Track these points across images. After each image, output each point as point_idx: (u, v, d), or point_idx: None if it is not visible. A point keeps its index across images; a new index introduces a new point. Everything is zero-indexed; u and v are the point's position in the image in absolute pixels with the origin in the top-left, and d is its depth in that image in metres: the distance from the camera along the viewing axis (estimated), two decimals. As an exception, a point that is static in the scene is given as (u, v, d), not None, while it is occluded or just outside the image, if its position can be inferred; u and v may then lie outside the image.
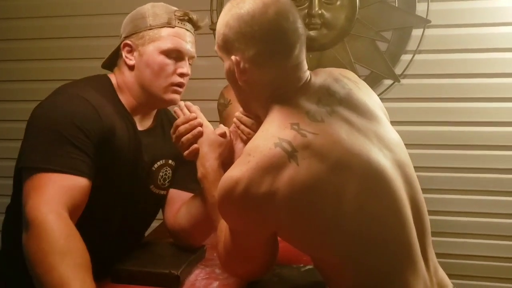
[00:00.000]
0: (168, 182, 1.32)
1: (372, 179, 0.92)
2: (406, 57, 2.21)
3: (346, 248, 0.92)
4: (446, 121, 2.23)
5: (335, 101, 0.98)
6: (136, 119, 1.25)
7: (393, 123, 1.11)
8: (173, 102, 1.25)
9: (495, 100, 2.19)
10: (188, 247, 1.29)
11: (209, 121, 1.72)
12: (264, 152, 0.88)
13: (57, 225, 0.96)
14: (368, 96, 1.06)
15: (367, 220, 0.91)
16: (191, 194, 1.32)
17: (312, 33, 2.20)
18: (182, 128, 1.15)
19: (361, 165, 0.91)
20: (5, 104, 2.61)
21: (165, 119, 1.37)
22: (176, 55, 1.21)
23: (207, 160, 1.13)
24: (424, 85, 2.23)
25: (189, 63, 1.25)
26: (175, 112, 1.23)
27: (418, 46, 2.19)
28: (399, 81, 2.22)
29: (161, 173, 1.29)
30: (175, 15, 1.21)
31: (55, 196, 1.00)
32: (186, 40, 1.23)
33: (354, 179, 0.90)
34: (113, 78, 1.26)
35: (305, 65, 1.01)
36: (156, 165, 1.29)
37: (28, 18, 2.53)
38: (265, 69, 0.97)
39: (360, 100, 1.02)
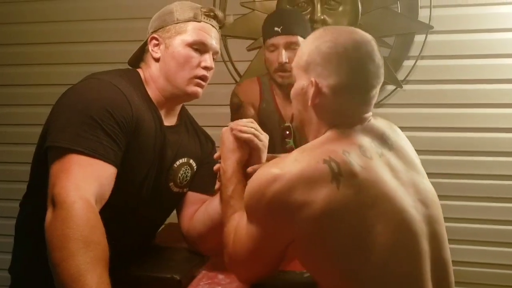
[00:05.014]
0: (186, 181, 1.32)
1: (399, 228, 0.93)
2: (408, 63, 2.22)
3: (355, 283, 0.92)
4: (448, 127, 2.23)
5: (386, 146, 1.02)
6: (162, 113, 1.26)
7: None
8: (195, 95, 1.27)
9: (499, 106, 2.19)
10: (192, 252, 1.28)
11: (212, 126, 1.75)
12: (311, 163, 0.91)
13: (85, 213, 0.95)
14: (412, 151, 1.10)
15: (384, 265, 0.92)
16: (208, 197, 1.32)
17: (314, 38, 2.20)
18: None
19: (393, 212, 0.93)
20: (8, 108, 2.61)
21: (188, 120, 1.39)
22: (200, 48, 1.24)
23: (228, 158, 1.18)
24: (426, 91, 2.23)
25: (213, 58, 1.28)
26: None
27: (420, 52, 2.19)
28: (401, 87, 2.22)
29: (181, 172, 1.30)
30: (201, 10, 1.25)
31: (84, 181, 0.99)
32: (211, 35, 1.26)
33: (383, 223, 0.91)
34: (140, 72, 1.28)
35: (372, 106, 1.04)
36: (178, 163, 1.29)
37: (30, 23, 2.55)
38: (339, 100, 1.00)
39: (409, 152, 1.07)
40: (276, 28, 1.68)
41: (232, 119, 1.84)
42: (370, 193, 0.92)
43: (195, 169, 1.34)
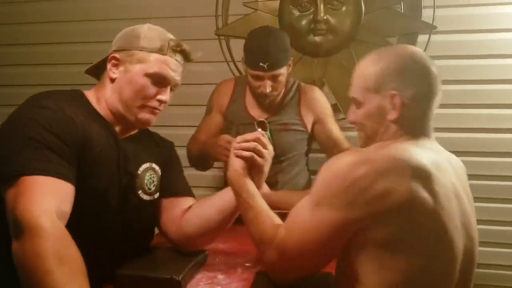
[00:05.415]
0: (154, 187, 1.30)
1: (443, 248, 0.97)
2: (412, 63, 2.20)
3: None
4: (452, 127, 2.22)
5: (451, 169, 1.07)
6: (117, 129, 1.25)
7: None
8: (147, 122, 1.25)
9: (502, 107, 2.18)
10: (191, 252, 1.27)
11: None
12: (390, 158, 0.96)
13: (52, 229, 0.93)
14: (467, 184, 1.15)
15: (431, 272, 0.96)
16: (184, 199, 1.32)
17: (317, 38, 2.20)
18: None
19: (444, 231, 0.97)
20: (8, 109, 2.59)
21: (145, 130, 1.37)
22: (159, 80, 1.22)
23: (232, 165, 1.20)
24: (430, 91, 2.22)
25: (171, 90, 1.26)
26: None
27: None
28: (404, 87, 2.21)
29: (147, 177, 1.28)
30: (168, 43, 1.22)
31: (43, 199, 0.97)
32: (173, 68, 1.24)
33: (437, 233, 0.96)
34: (89, 94, 1.25)
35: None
36: (141, 169, 1.27)
37: (31, 23, 2.55)
38: (416, 109, 1.06)
39: (466, 182, 1.14)
40: (261, 64, 1.71)
41: (203, 119, 1.95)
42: (438, 200, 0.95)
43: (159, 173, 1.32)
